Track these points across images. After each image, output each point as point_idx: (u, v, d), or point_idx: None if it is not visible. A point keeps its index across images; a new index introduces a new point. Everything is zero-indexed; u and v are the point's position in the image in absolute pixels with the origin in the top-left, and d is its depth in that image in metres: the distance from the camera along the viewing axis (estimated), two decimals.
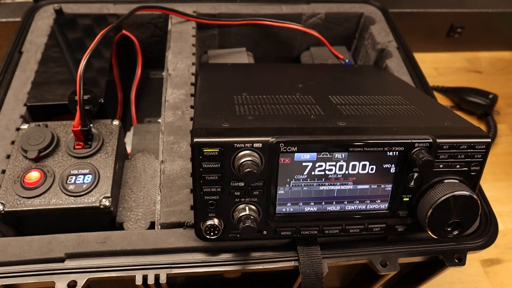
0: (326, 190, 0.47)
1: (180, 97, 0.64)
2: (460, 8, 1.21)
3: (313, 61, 0.87)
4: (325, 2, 0.85)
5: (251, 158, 0.42)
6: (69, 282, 0.47)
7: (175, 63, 0.69)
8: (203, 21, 0.78)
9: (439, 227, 0.46)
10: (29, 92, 0.64)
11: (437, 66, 1.27)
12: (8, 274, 0.47)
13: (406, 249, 0.52)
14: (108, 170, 0.55)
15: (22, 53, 0.70)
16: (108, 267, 0.48)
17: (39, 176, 0.53)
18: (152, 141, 0.69)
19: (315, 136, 0.43)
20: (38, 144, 0.55)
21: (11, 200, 0.52)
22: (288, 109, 0.50)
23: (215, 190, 0.44)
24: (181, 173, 0.55)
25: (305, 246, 0.50)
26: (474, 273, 0.83)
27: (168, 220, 0.51)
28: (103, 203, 0.52)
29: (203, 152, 0.42)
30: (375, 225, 0.49)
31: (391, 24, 0.83)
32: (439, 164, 0.46)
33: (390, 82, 0.68)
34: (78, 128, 0.55)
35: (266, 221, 0.47)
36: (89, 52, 0.56)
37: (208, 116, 0.47)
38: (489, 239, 0.54)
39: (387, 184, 0.47)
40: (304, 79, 0.65)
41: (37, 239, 0.49)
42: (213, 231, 0.46)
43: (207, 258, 0.49)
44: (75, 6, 0.79)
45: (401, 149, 0.44)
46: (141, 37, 0.83)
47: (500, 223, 0.56)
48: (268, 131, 0.43)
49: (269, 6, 0.82)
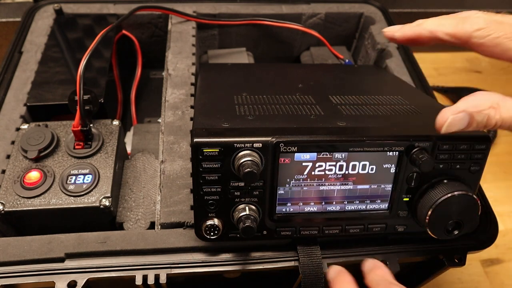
0: (326, 190, 0.47)
1: (180, 97, 0.64)
2: (460, 8, 1.21)
3: (313, 61, 0.86)
4: (325, 2, 0.85)
5: (251, 158, 0.42)
6: (69, 282, 0.47)
7: (175, 63, 0.69)
8: (203, 21, 0.78)
9: (439, 227, 0.46)
10: (29, 92, 0.64)
11: (437, 66, 1.27)
12: (8, 274, 0.47)
13: (406, 249, 0.52)
14: (108, 170, 0.55)
15: (22, 53, 0.70)
16: (108, 267, 0.48)
17: (39, 176, 0.53)
18: (152, 141, 0.69)
19: (315, 136, 0.43)
20: (38, 144, 0.55)
21: (11, 200, 0.52)
22: (288, 109, 0.50)
23: (215, 190, 0.44)
24: (181, 173, 0.55)
25: (305, 246, 0.50)
26: (474, 273, 0.83)
27: (168, 220, 0.51)
28: (103, 203, 0.52)
29: (203, 152, 0.42)
30: (375, 225, 0.49)
31: (391, 24, 0.83)
32: (439, 164, 0.46)
33: (390, 82, 0.68)
34: (78, 128, 0.55)
35: (266, 221, 0.47)
36: (89, 52, 0.56)
37: (208, 116, 0.47)
38: (489, 239, 0.54)
39: (387, 184, 0.47)
40: (304, 79, 0.65)
41: (37, 239, 0.49)
42: (213, 231, 0.46)
43: (207, 258, 0.49)
44: (75, 6, 0.79)
45: (401, 149, 0.44)
46: (141, 37, 0.82)
47: (500, 223, 0.56)
48: (268, 131, 0.43)
49: (269, 6, 0.82)
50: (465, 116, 0.36)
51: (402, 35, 0.40)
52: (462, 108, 0.36)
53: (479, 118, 0.36)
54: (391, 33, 0.42)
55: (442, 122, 0.37)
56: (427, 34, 0.39)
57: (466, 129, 0.36)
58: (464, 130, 0.37)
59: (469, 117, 0.36)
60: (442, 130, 0.37)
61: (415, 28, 0.39)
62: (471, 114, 0.36)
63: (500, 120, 0.35)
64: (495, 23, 0.35)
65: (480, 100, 0.36)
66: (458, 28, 0.37)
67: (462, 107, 0.36)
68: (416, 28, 0.39)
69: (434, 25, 0.38)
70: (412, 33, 0.39)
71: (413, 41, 0.40)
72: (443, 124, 0.37)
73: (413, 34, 0.39)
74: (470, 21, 0.36)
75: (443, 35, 0.38)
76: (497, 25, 0.35)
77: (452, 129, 0.37)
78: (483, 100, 0.36)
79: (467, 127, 0.36)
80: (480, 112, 0.35)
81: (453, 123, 0.36)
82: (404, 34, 0.40)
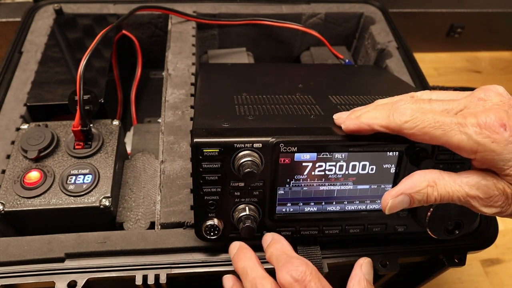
0: (326, 190, 0.47)
1: (180, 97, 0.64)
2: (460, 8, 1.21)
3: (313, 61, 0.86)
4: (325, 2, 0.85)
5: (251, 158, 0.42)
6: (69, 282, 0.47)
7: (175, 63, 0.69)
8: (203, 21, 0.78)
9: (439, 227, 0.46)
10: (29, 92, 0.64)
11: (437, 66, 1.27)
12: (8, 274, 0.47)
13: (406, 249, 0.52)
14: (108, 170, 0.55)
15: (22, 53, 0.70)
16: (108, 267, 0.48)
17: (39, 176, 0.53)
18: (152, 141, 0.69)
19: (315, 136, 0.43)
20: (38, 144, 0.55)
21: (11, 200, 0.52)
22: (288, 109, 0.50)
23: (215, 190, 0.44)
24: (181, 173, 0.56)
25: (305, 246, 0.50)
26: (474, 273, 0.83)
27: (168, 220, 0.51)
28: (103, 203, 0.52)
29: (203, 152, 0.42)
30: (375, 225, 0.49)
31: (391, 24, 0.83)
32: (439, 164, 0.46)
33: (390, 82, 0.68)
34: (78, 128, 0.55)
35: (266, 221, 0.47)
36: (89, 52, 0.56)
37: (208, 116, 0.47)
38: (489, 239, 0.54)
39: (387, 184, 0.47)
40: (304, 79, 0.65)
41: (37, 239, 0.49)
42: (213, 231, 0.46)
43: (207, 258, 0.49)
44: (75, 6, 0.79)
45: (401, 149, 0.44)
46: (141, 37, 0.82)
47: (500, 223, 0.56)
48: (268, 131, 0.43)
49: (269, 6, 0.82)
50: (404, 197, 0.38)
51: (346, 128, 0.42)
52: (401, 191, 0.38)
53: (419, 197, 0.38)
54: (338, 123, 0.45)
55: (384, 206, 0.39)
56: (366, 128, 0.41)
57: (410, 206, 0.38)
58: (409, 207, 0.39)
59: (409, 198, 0.38)
60: (386, 212, 0.39)
61: (355, 122, 0.41)
62: (410, 195, 0.38)
63: (438, 196, 0.37)
64: (420, 113, 0.37)
65: (417, 181, 0.38)
66: (389, 120, 0.38)
67: (401, 190, 0.38)
68: (356, 122, 0.41)
69: (370, 118, 0.40)
70: (353, 127, 0.42)
71: (358, 133, 0.42)
72: (385, 207, 0.39)
73: (355, 128, 0.42)
74: (398, 112, 0.38)
75: (379, 128, 0.40)
76: (422, 115, 0.37)
77: (395, 210, 0.39)
78: (419, 181, 0.38)
79: (410, 206, 0.38)
80: (419, 192, 0.37)
81: (394, 206, 0.38)
82: (347, 128, 0.42)
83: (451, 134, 0.35)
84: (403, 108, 0.38)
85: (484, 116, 0.35)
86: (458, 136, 0.35)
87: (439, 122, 0.36)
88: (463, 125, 0.35)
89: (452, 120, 0.36)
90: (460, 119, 0.35)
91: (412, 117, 0.37)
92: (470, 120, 0.35)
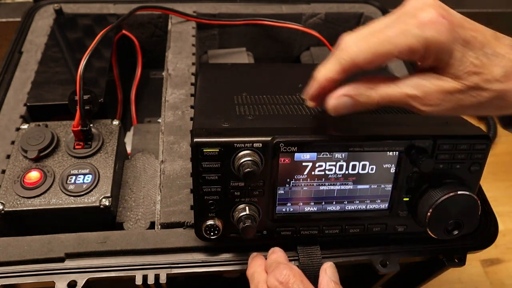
0: (326, 190, 0.47)
1: (180, 97, 0.64)
2: (460, 8, 1.21)
3: (313, 61, 0.87)
4: (325, 2, 0.85)
5: (251, 158, 0.42)
6: (69, 282, 0.47)
7: (175, 63, 0.69)
8: (203, 21, 0.78)
9: (439, 227, 0.46)
10: (29, 92, 0.64)
11: None
12: (8, 274, 0.47)
13: (406, 249, 0.52)
14: (108, 170, 0.55)
15: (22, 53, 0.70)
16: (108, 267, 0.48)
17: (39, 176, 0.53)
18: (152, 141, 0.69)
19: (315, 136, 0.43)
20: (38, 144, 0.55)
21: (11, 200, 0.52)
22: (288, 109, 0.50)
23: (215, 190, 0.44)
24: (181, 173, 0.56)
25: (305, 246, 0.50)
26: (474, 273, 0.83)
27: (168, 220, 0.51)
28: (103, 203, 0.52)
29: (203, 152, 0.42)
30: (375, 225, 0.49)
31: None
32: (439, 164, 0.46)
33: None
34: (78, 128, 0.55)
35: (266, 221, 0.47)
36: (89, 52, 0.56)
37: (208, 116, 0.47)
38: (489, 239, 0.54)
39: (387, 184, 0.47)
40: (304, 79, 0.65)
41: (37, 239, 0.49)
42: (213, 231, 0.46)
43: (207, 258, 0.49)
44: (75, 6, 0.79)
45: (401, 149, 0.44)
46: (141, 37, 0.82)
47: (500, 223, 0.56)
48: (268, 131, 0.43)
49: (269, 6, 0.82)
50: (347, 99, 0.39)
51: (309, 96, 0.43)
52: (343, 93, 0.39)
53: (362, 99, 0.38)
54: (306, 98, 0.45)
55: (330, 106, 0.40)
56: (325, 83, 0.40)
57: (354, 110, 0.39)
58: (353, 111, 0.39)
59: (351, 100, 0.39)
60: (332, 113, 0.40)
61: (314, 85, 0.42)
62: (352, 96, 0.39)
63: (380, 98, 0.38)
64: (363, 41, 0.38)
65: (359, 84, 0.39)
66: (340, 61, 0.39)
67: (344, 91, 0.39)
68: (315, 85, 0.42)
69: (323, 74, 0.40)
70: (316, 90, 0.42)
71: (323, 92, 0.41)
72: (331, 107, 0.40)
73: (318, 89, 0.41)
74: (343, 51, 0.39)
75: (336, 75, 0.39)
76: (366, 42, 0.38)
77: (340, 112, 0.39)
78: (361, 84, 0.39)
79: (354, 109, 0.39)
80: (361, 94, 0.38)
81: (338, 106, 0.39)
82: (310, 95, 0.43)
83: (401, 41, 0.35)
84: (345, 45, 0.39)
85: (425, 13, 0.35)
86: (408, 40, 0.35)
87: (384, 37, 0.36)
88: (408, 29, 0.35)
89: (395, 31, 0.36)
90: (402, 26, 0.36)
91: (357, 47, 0.37)
92: (411, 22, 0.35)
